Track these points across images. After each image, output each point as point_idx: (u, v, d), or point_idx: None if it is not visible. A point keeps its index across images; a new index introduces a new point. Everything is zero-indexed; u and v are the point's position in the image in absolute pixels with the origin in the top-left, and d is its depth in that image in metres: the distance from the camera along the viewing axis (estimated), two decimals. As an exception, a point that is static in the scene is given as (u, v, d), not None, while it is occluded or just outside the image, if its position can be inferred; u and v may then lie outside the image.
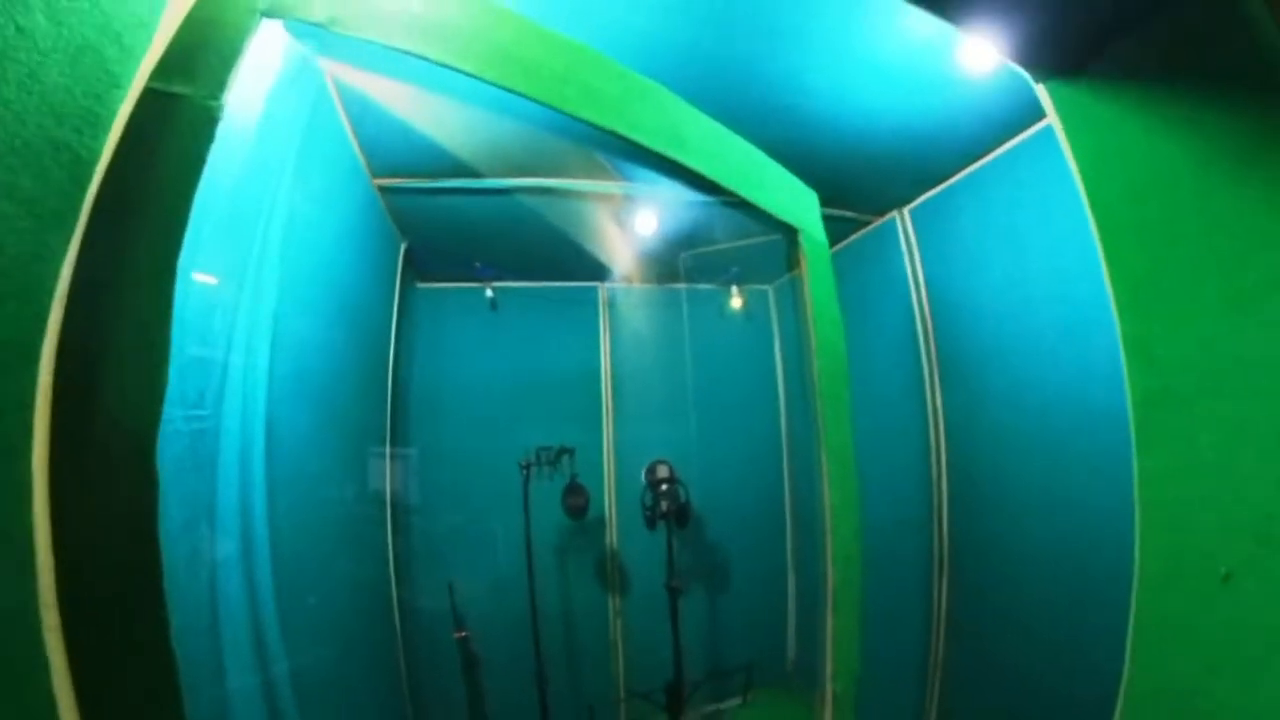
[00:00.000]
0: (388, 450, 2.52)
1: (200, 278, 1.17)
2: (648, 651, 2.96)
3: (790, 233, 1.88)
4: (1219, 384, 1.05)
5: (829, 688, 1.74)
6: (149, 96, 0.86)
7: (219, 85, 0.93)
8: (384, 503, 2.50)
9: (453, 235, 2.82)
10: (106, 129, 0.81)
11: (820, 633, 1.81)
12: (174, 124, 0.87)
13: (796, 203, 1.92)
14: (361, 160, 2.18)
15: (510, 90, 1.16)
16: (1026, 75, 1.32)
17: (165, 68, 0.89)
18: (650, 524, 2.34)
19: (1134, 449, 1.24)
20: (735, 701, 2.11)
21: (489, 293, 3.11)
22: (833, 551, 1.75)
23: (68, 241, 0.77)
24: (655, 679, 2.19)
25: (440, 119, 1.96)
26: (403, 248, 2.78)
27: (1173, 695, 1.13)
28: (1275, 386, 0.96)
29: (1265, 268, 0.96)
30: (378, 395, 2.52)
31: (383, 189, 2.38)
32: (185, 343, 1.07)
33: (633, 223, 2.58)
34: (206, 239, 1.10)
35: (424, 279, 3.18)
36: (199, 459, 1.24)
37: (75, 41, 0.75)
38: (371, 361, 2.48)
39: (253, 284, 1.44)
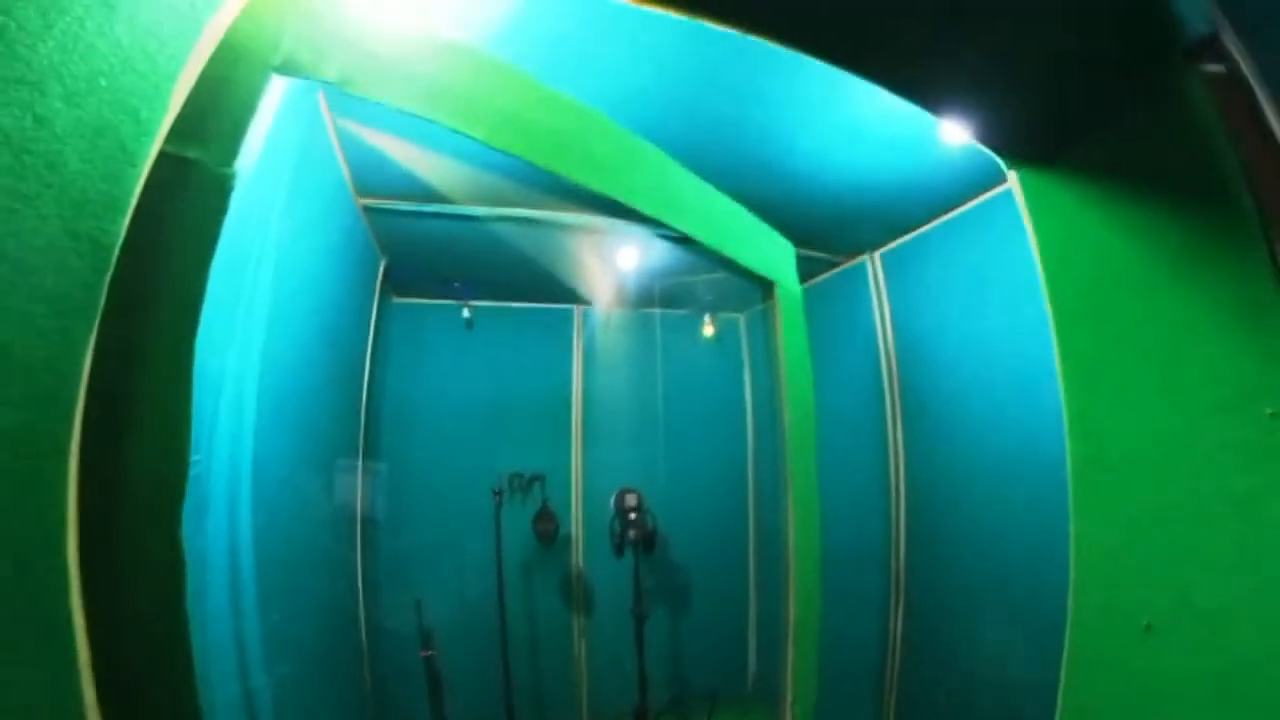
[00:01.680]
0: (360, 466, 2.51)
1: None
2: (611, 673, 3.02)
3: (767, 286, 1.96)
4: (1147, 459, 1.15)
5: (789, 713, 1.82)
6: (163, 162, 0.85)
7: (232, 149, 0.93)
8: (354, 519, 2.48)
9: (432, 254, 2.83)
10: (124, 211, 0.79)
11: (781, 661, 1.90)
12: (188, 193, 0.87)
13: (774, 255, 2.00)
14: (348, 180, 2.18)
15: (513, 154, 1.19)
16: (999, 161, 1.41)
17: (178, 131, 0.87)
18: (618, 551, 2.39)
19: (1071, 515, 1.35)
20: (700, 725, 2.17)
21: (465, 311, 3.12)
22: (795, 588, 1.83)
23: (90, 331, 0.75)
24: (618, 701, 2.25)
25: (430, 153, 1.98)
26: (382, 264, 2.77)
27: None
28: (1193, 468, 1.06)
29: (1197, 362, 1.06)
30: (352, 410, 2.51)
31: (367, 209, 2.38)
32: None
33: (611, 253, 2.63)
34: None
35: (401, 293, 3.18)
36: (194, 503, 1.25)
37: (92, 123, 0.72)
38: (348, 377, 2.48)
39: (244, 317, 1.45)
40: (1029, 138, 1.31)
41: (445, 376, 3.23)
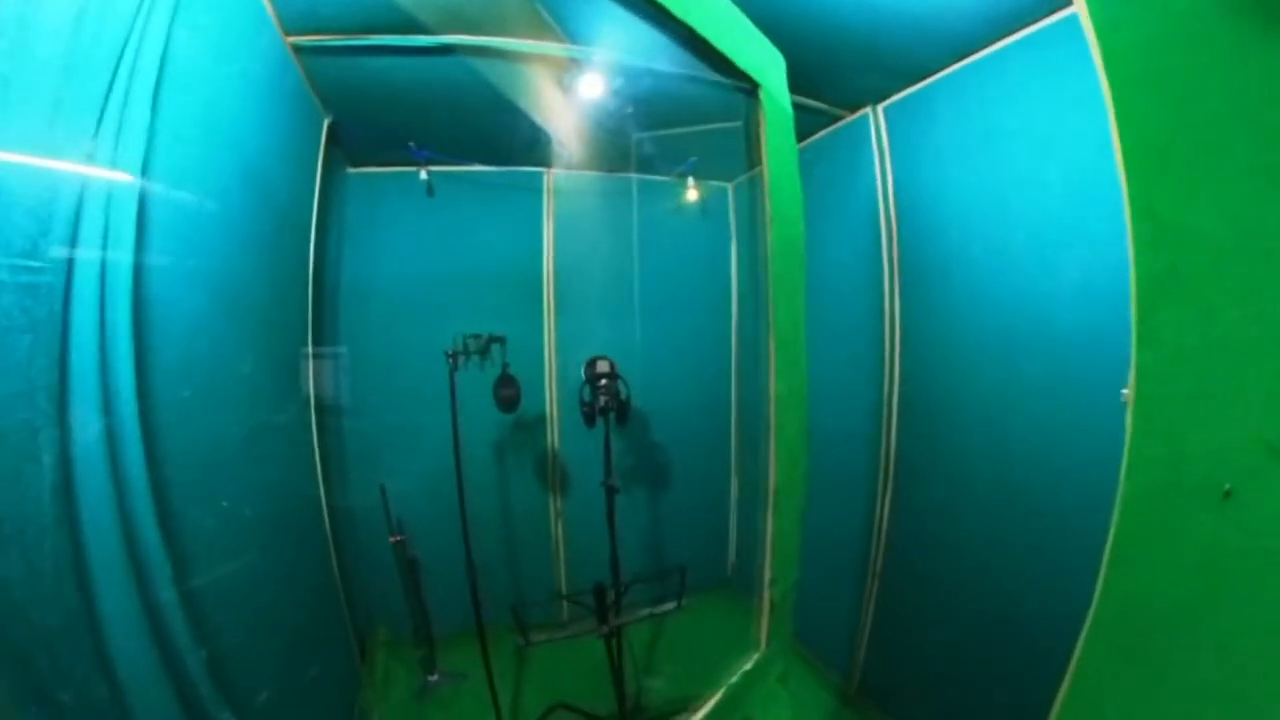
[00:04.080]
0: (309, 347, 2.32)
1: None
2: (589, 552, 2.95)
3: (751, 87, 1.67)
4: (1240, 265, 0.89)
5: (766, 593, 1.70)
6: None
7: None
8: (306, 402, 2.32)
9: (382, 108, 2.52)
10: None
11: (759, 535, 1.75)
12: None
13: (761, 60, 1.71)
14: (270, 10, 1.87)
15: None
16: None
17: None
18: (589, 421, 2.23)
19: (1133, 340, 1.07)
20: (670, 606, 2.07)
21: (424, 175, 2.84)
22: (775, 449, 1.65)
23: None
24: (596, 580, 2.15)
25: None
26: (326, 123, 2.47)
27: (1154, 616, 1.03)
28: None
29: None
30: (297, 287, 2.29)
31: (298, 49, 2.07)
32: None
33: (581, 91, 2.33)
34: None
35: (354, 164, 2.89)
36: (33, 319, 1.04)
37: None
38: (289, 249, 2.24)
39: (113, 122, 1.20)
40: None
41: (405, 249, 2.99)
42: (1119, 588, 1.08)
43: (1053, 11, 1.80)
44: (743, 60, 1.58)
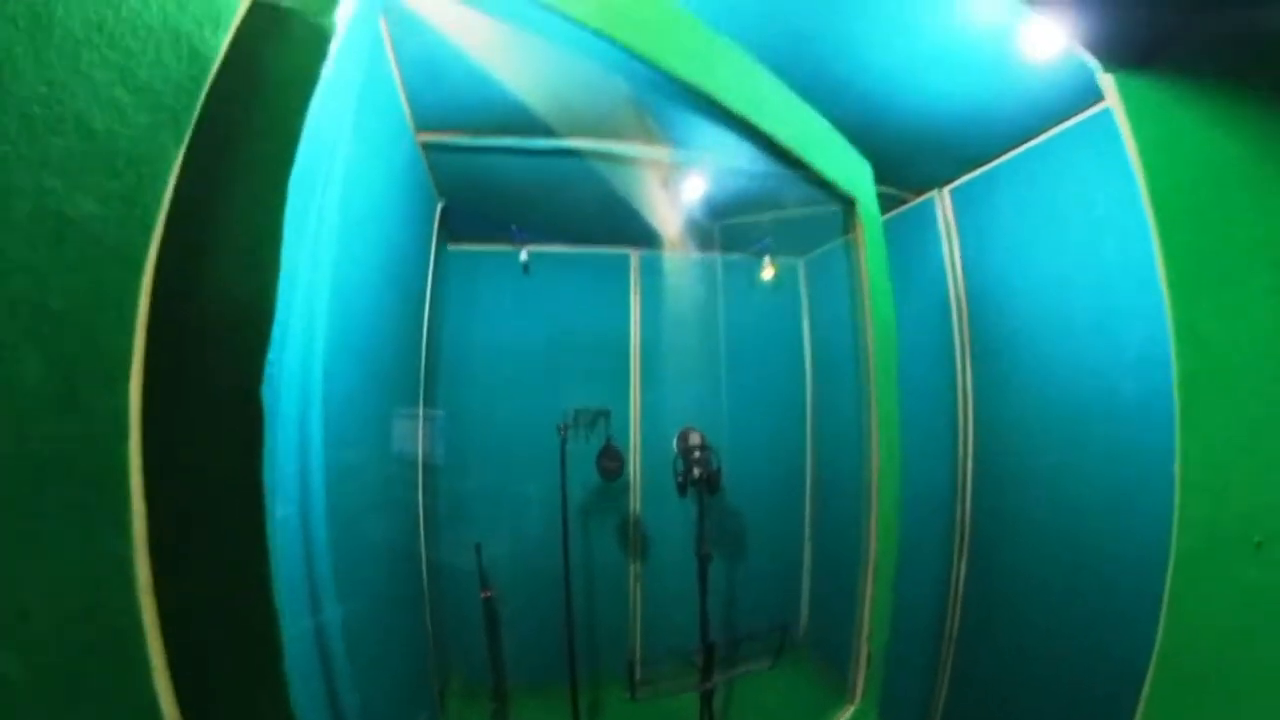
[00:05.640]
0: (420, 410, 2.53)
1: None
2: (664, 616, 3.02)
3: (848, 203, 1.88)
4: (1263, 365, 1.10)
5: (864, 648, 1.78)
6: (261, 4, 0.81)
7: (331, 2, 0.88)
8: (415, 463, 2.51)
9: (489, 196, 2.80)
10: (227, 26, 0.75)
11: (859, 595, 1.85)
12: (287, 36, 0.84)
13: (853, 173, 1.92)
14: (407, 113, 2.16)
15: (613, 42, 1.14)
16: (1094, 64, 1.34)
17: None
18: (681, 490, 2.36)
19: (1177, 428, 1.28)
20: (765, 663, 2.15)
21: (523, 255, 3.10)
22: (876, 517, 1.78)
23: (179, 145, 0.69)
24: (671, 644, 2.24)
25: (491, 84, 1.93)
26: (439, 207, 2.76)
27: (1208, 651, 1.22)
28: None
29: None
30: (414, 356, 2.52)
31: (425, 145, 2.36)
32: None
33: (674, 189, 2.57)
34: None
35: (456, 240, 3.17)
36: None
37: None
38: (409, 319, 2.48)
39: (313, 236, 1.43)
40: (1127, 36, 1.25)
41: (502, 322, 3.22)
42: (1178, 624, 1.28)
43: (1095, 103, 1.98)
44: (838, 175, 1.78)
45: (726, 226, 3.05)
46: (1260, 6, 1.06)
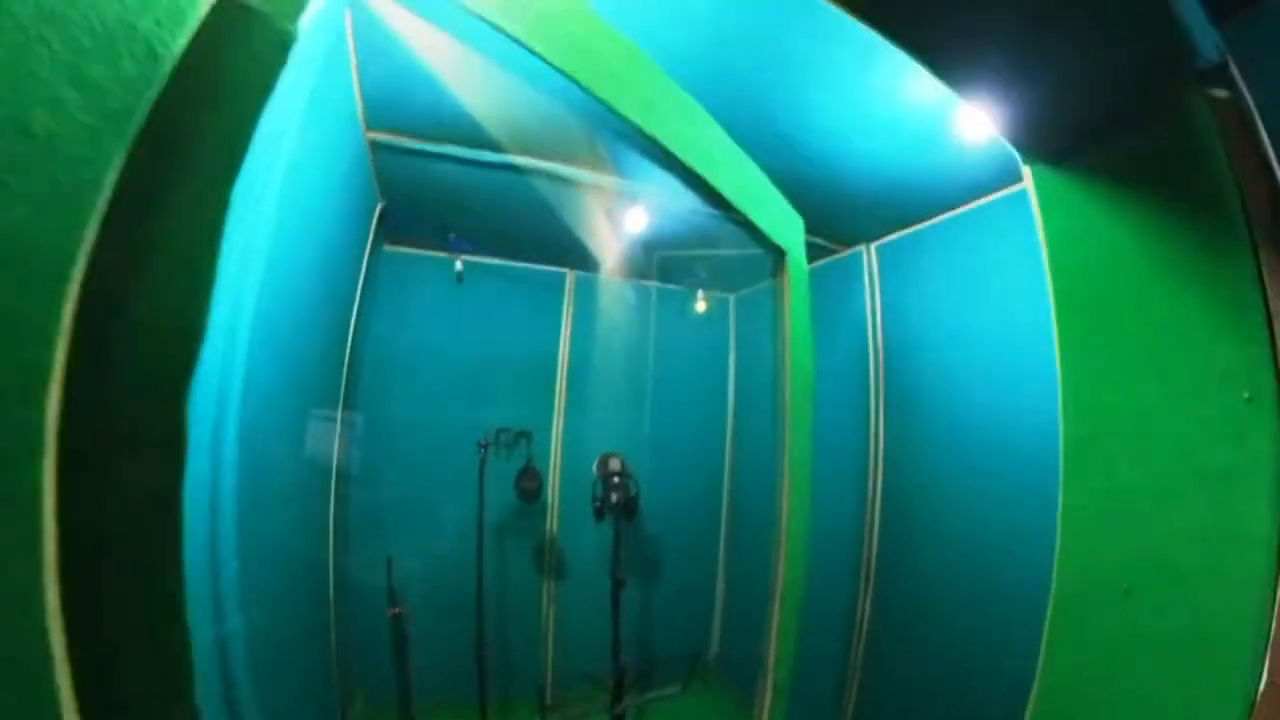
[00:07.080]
0: (340, 416, 2.44)
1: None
2: (577, 638, 3.01)
3: (779, 253, 1.99)
4: (1133, 437, 1.26)
5: (771, 675, 1.86)
6: (225, 5, 0.79)
7: (298, 5, 0.87)
8: (330, 470, 2.41)
9: (431, 201, 2.76)
10: (188, 27, 0.72)
11: (766, 623, 1.93)
12: (249, 40, 0.82)
13: (786, 226, 2.04)
14: (359, 108, 2.10)
15: (576, 83, 1.17)
16: (1016, 154, 1.48)
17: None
18: (599, 515, 2.39)
19: (1060, 483, 1.43)
20: (675, 689, 2.19)
21: (458, 264, 3.06)
22: (785, 551, 1.86)
23: (124, 148, 0.66)
24: (581, 665, 2.25)
25: (450, 93, 1.92)
26: (379, 207, 2.69)
27: (1081, 685, 1.35)
28: (1175, 445, 1.18)
29: (1183, 350, 1.19)
30: (338, 358, 2.43)
31: (374, 144, 2.30)
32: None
33: (616, 217, 2.62)
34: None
35: (392, 241, 3.09)
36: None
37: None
38: (336, 320, 2.40)
39: (250, 228, 1.38)
40: (1046, 136, 1.40)
41: (431, 330, 3.16)
42: (1055, 664, 1.41)
43: (1016, 183, 2.20)
44: (771, 227, 1.89)
45: (664, 257, 3.13)
46: (1151, 130, 1.22)
